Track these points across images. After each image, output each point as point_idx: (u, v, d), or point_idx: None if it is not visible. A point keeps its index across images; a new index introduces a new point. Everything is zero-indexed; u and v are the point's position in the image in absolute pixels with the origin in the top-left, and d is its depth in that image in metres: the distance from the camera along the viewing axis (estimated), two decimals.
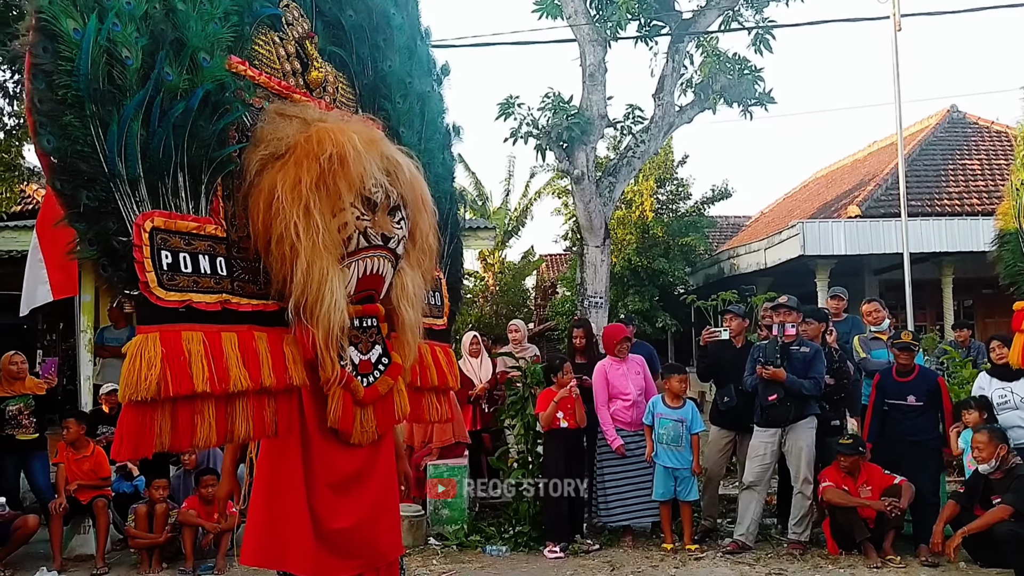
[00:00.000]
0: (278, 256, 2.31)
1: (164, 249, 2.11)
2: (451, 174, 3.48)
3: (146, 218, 2.07)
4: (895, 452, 5.32)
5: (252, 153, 2.38)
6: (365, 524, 2.60)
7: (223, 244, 2.29)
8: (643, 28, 9.57)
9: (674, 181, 14.65)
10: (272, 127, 2.42)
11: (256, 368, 2.25)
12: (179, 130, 2.15)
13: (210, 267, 2.24)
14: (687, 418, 5.46)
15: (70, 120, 1.94)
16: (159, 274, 2.08)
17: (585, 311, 8.81)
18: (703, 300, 8.68)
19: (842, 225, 11.17)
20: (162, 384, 2.00)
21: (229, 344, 2.20)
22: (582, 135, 8.86)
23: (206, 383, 2.10)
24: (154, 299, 2.07)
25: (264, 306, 2.37)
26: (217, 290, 2.24)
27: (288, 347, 2.37)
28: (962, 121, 14.74)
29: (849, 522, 5.08)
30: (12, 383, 5.86)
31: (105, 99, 1.98)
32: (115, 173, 2.01)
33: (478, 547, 5.54)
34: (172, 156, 2.14)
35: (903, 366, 5.40)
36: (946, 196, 12.60)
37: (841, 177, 16.37)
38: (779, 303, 5.59)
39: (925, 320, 12.33)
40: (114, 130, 2.00)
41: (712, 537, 5.68)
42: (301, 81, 2.68)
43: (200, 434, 2.13)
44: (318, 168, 2.32)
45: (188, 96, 2.16)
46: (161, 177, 2.12)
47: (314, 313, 2.31)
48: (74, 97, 1.94)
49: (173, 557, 5.32)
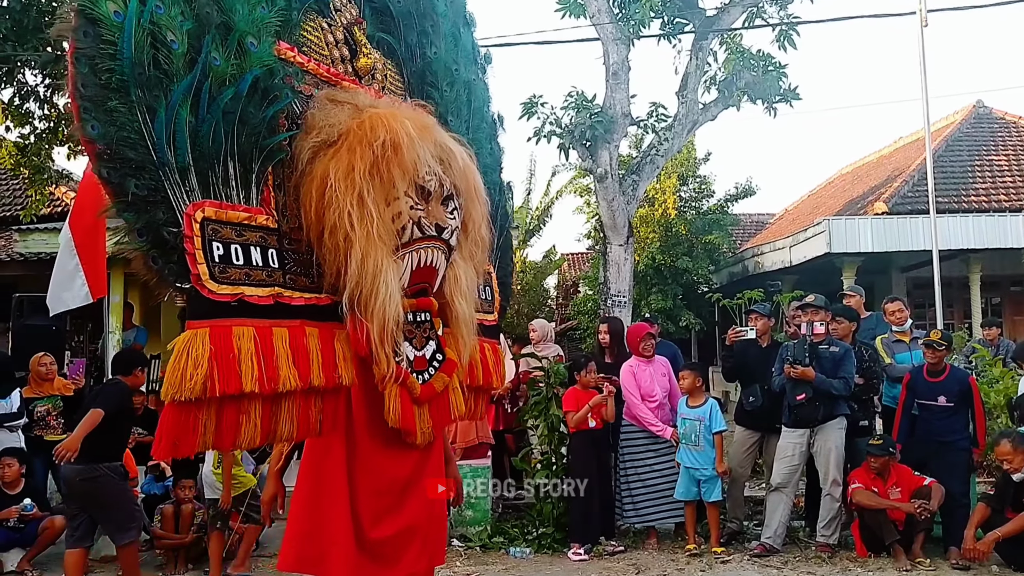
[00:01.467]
0: (331, 247, 2.21)
1: (215, 240, 2.02)
2: (499, 164, 3.33)
3: (197, 208, 1.99)
4: (925, 453, 5.25)
5: (303, 141, 2.29)
6: (410, 533, 2.50)
7: (274, 235, 2.20)
8: (666, 26, 9.52)
9: (697, 179, 14.55)
10: (323, 114, 2.32)
11: (306, 367, 2.16)
12: (228, 117, 2.07)
13: (262, 259, 2.14)
14: (705, 417, 5.42)
15: (115, 105, 1.87)
16: (211, 266, 2.00)
17: (608, 310, 8.79)
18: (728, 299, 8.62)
19: (869, 222, 11.02)
20: (208, 383, 1.93)
21: (280, 341, 2.11)
22: (605, 134, 8.83)
23: (255, 383, 2.01)
24: (206, 292, 1.98)
25: (316, 300, 2.26)
26: (269, 283, 2.14)
27: (339, 344, 2.27)
28: (989, 117, 14.48)
29: (878, 524, 5.02)
30: (41, 384, 5.96)
31: (151, 84, 1.92)
32: (164, 161, 1.94)
33: (501, 548, 5.54)
34: (222, 144, 2.06)
35: (933, 366, 5.32)
36: (973, 192, 12.39)
37: (867, 174, 16.15)
38: (806, 302, 5.53)
39: (953, 318, 12.13)
40: (162, 116, 1.93)
41: (739, 540, 5.62)
42: (350, 68, 2.59)
43: (245, 435, 2.05)
44: (371, 155, 2.23)
45: (237, 82, 2.08)
46: (211, 165, 2.05)
47: (369, 307, 2.20)
48: (119, 82, 1.87)
49: (199, 558, 5.32)
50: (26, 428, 5.80)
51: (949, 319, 11.53)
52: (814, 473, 5.44)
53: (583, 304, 14.77)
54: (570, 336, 15.48)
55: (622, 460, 5.67)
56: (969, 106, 14.72)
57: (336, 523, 2.36)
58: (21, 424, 5.76)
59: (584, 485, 5.38)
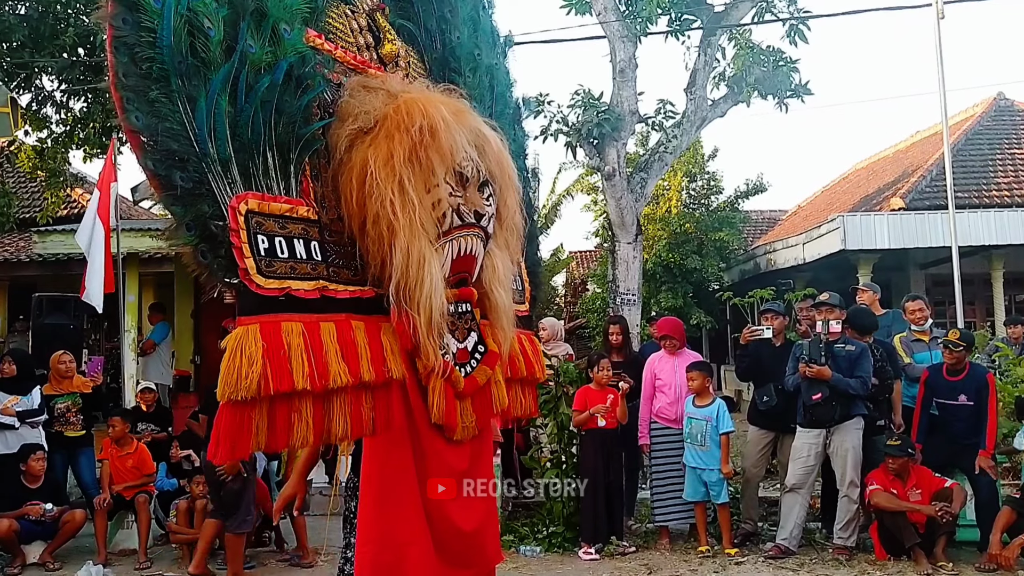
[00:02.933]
0: (375, 237, 2.14)
1: (260, 233, 1.96)
2: (523, 151, 3.27)
3: (240, 200, 1.93)
4: (949, 454, 5.12)
5: (339, 129, 2.22)
6: (480, 529, 2.42)
7: (316, 227, 2.13)
8: (674, 22, 9.41)
9: (704, 175, 14.42)
10: (357, 101, 2.26)
11: (355, 361, 2.07)
12: (266, 106, 2.01)
13: (306, 252, 2.07)
14: (712, 417, 5.32)
15: (157, 96, 1.83)
16: (257, 260, 1.94)
17: (617, 308, 8.69)
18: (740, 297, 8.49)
19: (885, 218, 10.83)
20: (262, 382, 1.86)
21: (328, 336, 2.04)
22: (613, 131, 8.75)
23: (306, 380, 1.94)
24: (254, 287, 1.92)
25: (361, 292, 2.19)
26: (314, 276, 2.07)
27: (386, 337, 2.19)
28: (1010, 109, 14.21)
29: (898, 527, 4.88)
30: (61, 382, 6.08)
31: (191, 73, 1.87)
32: (206, 152, 1.89)
33: (512, 547, 5.47)
34: (261, 134, 2.00)
35: (952, 365, 5.17)
36: (994, 187, 12.15)
37: (883, 169, 15.91)
38: (821, 301, 5.41)
39: (975, 316, 11.90)
40: (203, 106, 1.88)
41: (753, 541, 5.52)
42: (375, 55, 2.54)
43: (297, 434, 1.97)
44: (410, 141, 2.15)
45: (272, 70, 2.02)
46: (252, 156, 1.99)
47: (415, 298, 2.13)
48: (159, 71, 1.84)
49: (213, 552, 5.33)
50: (46, 424, 5.91)
51: (971, 317, 11.30)
52: (830, 474, 5.33)
53: (592, 302, 14.69)
54: (579, 334, 15.38)
55: (653, 458, 5.63)
56: (990, 98, 14.45)
57: (410, 525, 2.24)
58: (42, 420, 5.86)
59: (592, 485, 5.31)
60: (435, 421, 2.28)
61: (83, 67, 8.49)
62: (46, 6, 8.00)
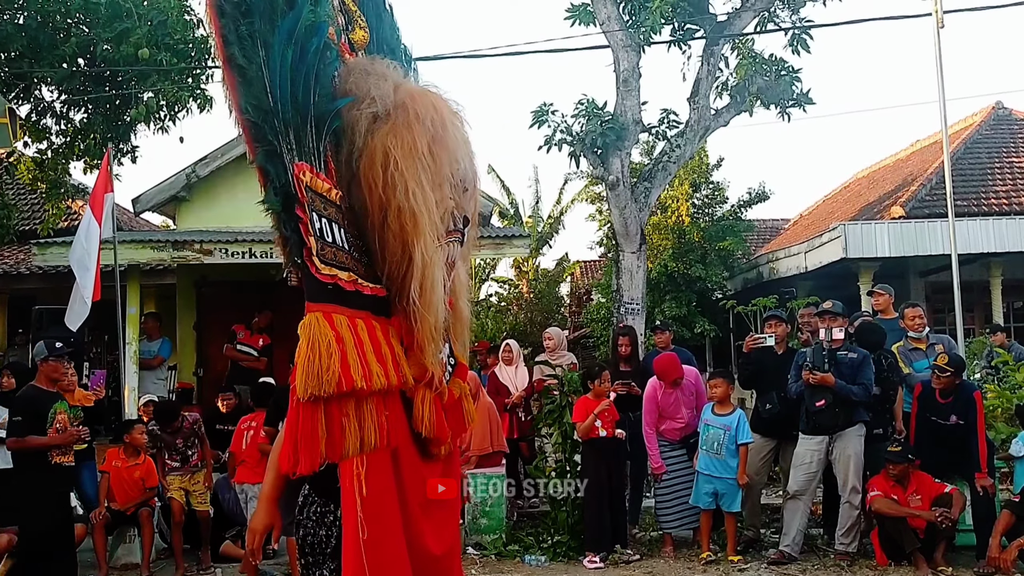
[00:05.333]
0: (396, 230, 1.94)
1: (313, 210, 1.79)
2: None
3: (300, 169, 1.78)
4: (948, 462, 5.16)
5: (356, 110, 2.00)
6: (449, 552, 2.23)
7: (342, 213, 1.95)
8: (677, 32, 9.50)
9: (710, 185, 14.48)
10: (365, 83, 2.06)
11: (384, 363, 1.90)
12: (312, 71, 1.86)
13: (341, 239, 1.90)
14: (732, 426, 5.36)
15: (244, 34, 1.70)
16: (316, 241, 1.79)
17: (622, 318, 8.74)
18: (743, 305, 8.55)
19: (886, 226, 10.88)
20: (342, 378, 1.69)
21: (364, 332, 1.87)
22: (616, 141, 8.81)
23: (362, 378, 1.77)
24: (314, 270, 1.77)
25: (378, 291, 2.00)
26: (348, 266, 1.91)
27: (395, 340, 2.01)
28: (1008, 118, 14.28)
29: (899, 532, 4.94)
30: None
31: (266, 14, 1.75)
32: (276, 110, 1.75)
33: (517, 556, 5.52)
34: (310, 100, 1.85)
35: (942, 390, 5.18)
36: (993, 195, 12.21)
37: (883, 177, 15.99)
38: (824, 309, 5.47)
39: (974, 323, 11.94)
40: (276, 53, 1.74)
41: (755, 548, 5.57)
42: (345, 39, 2.36)
43: (349, 441, 1.78)
44: (428, 134, 2.00)
45: (317, 31, 1.88)
46: (303, 123, 1.83)
47: (429, 300, 1.95)
48: (246, 4, 1.73)
49: None
50: None
51: (969, 324, 11.34)
52: (832, 480, 5.38)
53: (596, 312, 14.73)
54: (583, 344, 15.44)
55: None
56: (988, 107, 14.53)
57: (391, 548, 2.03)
58: None
59: (596, 493, 5.36)
60: (425, 435, 2.09)
61: (83, 77, 8.44)
62: (45, 16, 7.91)
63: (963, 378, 5.43)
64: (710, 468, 5.34)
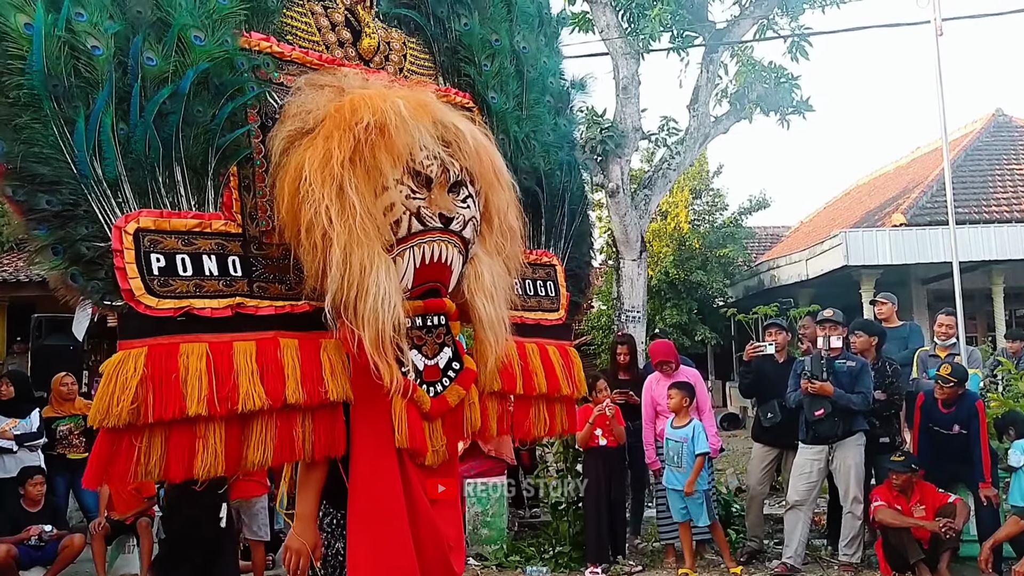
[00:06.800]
0: (309, 247, 2.01)
1: (155, 252, 1.90)
2: (566, 141, 2.99)
3: (129, 220, 1.88)
4: (951, 473, 5.14)
5: (278, 131, 2.10)
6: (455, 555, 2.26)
7: (237, 241, 2.04)
8: (676, 39, 9.51)
9: (710, 192, 14.50)
10: (300, 100, 2.13)
11: (278, 382, 1.97)
12: (170, 119, 1.95)
13: (218, 268, 1.98)
14: (688, 438, 5.25)
15: (26, 122, 1.79)
16: (147, 280, 1.87)
17: (622, 325, 8.72)
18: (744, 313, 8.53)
19: (887, 234, 10.88)
20: (141, 409, 1.80)
21: (243, 356, 1.95)
22: (616, 148, 8.81)
23: (202, 404, 1.85)
24: (142, 308, 1.85)
25: (292, 308, 2.08)
26: (228, 293, 1.98)
27: (328, 354, 2.07)
28: (1008, 125, 14.31)
29: (902, 543, 4.88)
30: (63, 403, 6.04)
31: (70, 95, 1.83)
32: (86, 174, 1.84)
33: (518, 567, 5.48)
34: (161, 149, 1.93)
35: (944, 400, 5.15)
36: (994, 202, 12.22)
37: (884, 185, 15.99)
38: (824, 317, 5.45)
39: (976, 331, 11.92)
40: (81, 128, 1.83)
41: (759, 559, 5.52)
42: (352, 52, 2.41)
43: (203, 463, 1.88)
44: (352, 140, 2.01)
45: (177, 80, 1.95)
46: (151, 173, 1.92)
47: (359, 311, 1.97)
48: (28, 96, 1.80)
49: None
50: (46, 447, 5.86)
51: (972, 332, 11.31)
52: (835, 490, 5.34)
53: (597, 319, 14.71)
54: (584, 352, 15.41)
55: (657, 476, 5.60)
56: (988, 115, 14.56)
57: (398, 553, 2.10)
58: (41, 444, 5.81)
59: (596, 503, 5.31)
60: (399, 446, 2.12)
61: None
62: None
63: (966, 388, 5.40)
64: (674, 482, 5.26)
